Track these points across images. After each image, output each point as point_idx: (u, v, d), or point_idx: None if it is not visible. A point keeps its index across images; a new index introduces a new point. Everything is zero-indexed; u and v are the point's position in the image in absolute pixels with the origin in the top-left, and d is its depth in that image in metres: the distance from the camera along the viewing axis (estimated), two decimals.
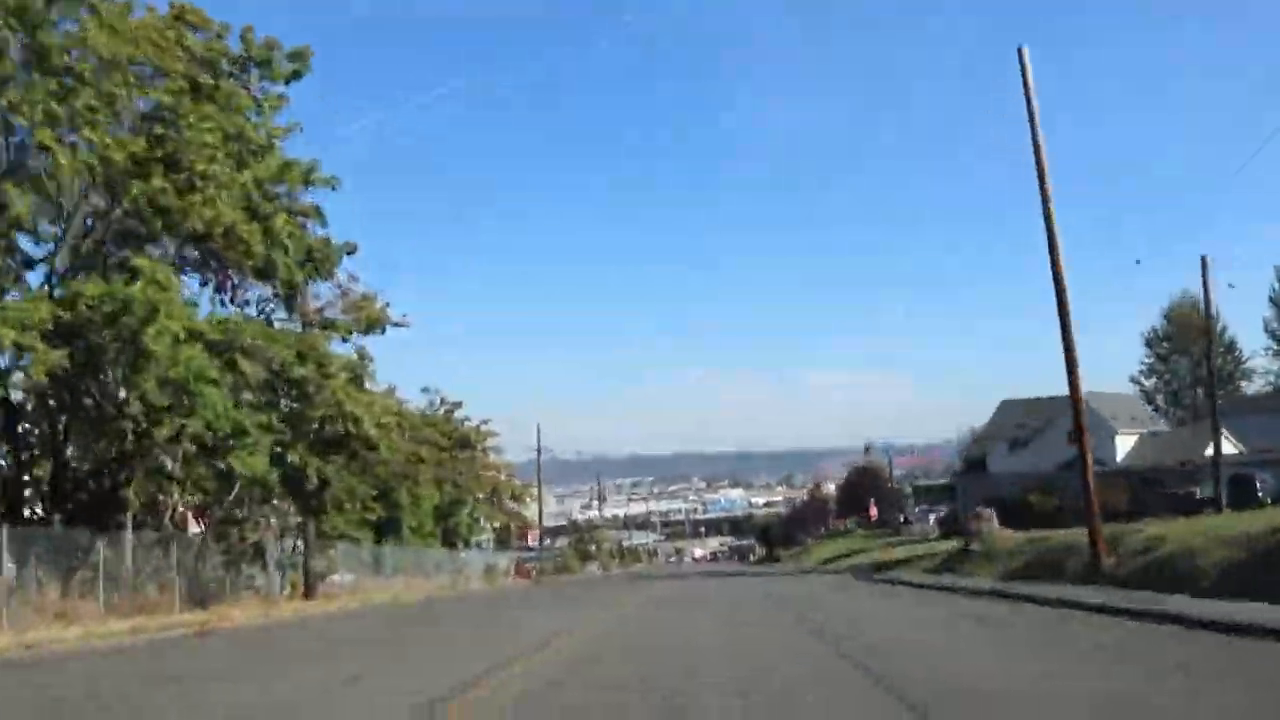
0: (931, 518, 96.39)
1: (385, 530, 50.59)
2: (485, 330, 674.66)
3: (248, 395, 28.53)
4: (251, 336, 23.51)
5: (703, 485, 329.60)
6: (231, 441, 23.72)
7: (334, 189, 27.22)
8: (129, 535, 28.82)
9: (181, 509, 35.63)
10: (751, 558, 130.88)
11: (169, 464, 30.70)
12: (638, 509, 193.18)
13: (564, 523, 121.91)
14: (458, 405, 59.01)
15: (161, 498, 32.84)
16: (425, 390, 58.36)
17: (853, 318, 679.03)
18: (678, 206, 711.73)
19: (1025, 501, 60.23)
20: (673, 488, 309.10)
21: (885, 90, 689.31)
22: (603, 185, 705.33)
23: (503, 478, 58.89)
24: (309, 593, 32.85)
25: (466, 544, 57.82)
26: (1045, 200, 23.13)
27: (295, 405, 27.71)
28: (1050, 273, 23.19)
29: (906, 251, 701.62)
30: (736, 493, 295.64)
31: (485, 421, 59.27)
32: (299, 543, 39.34)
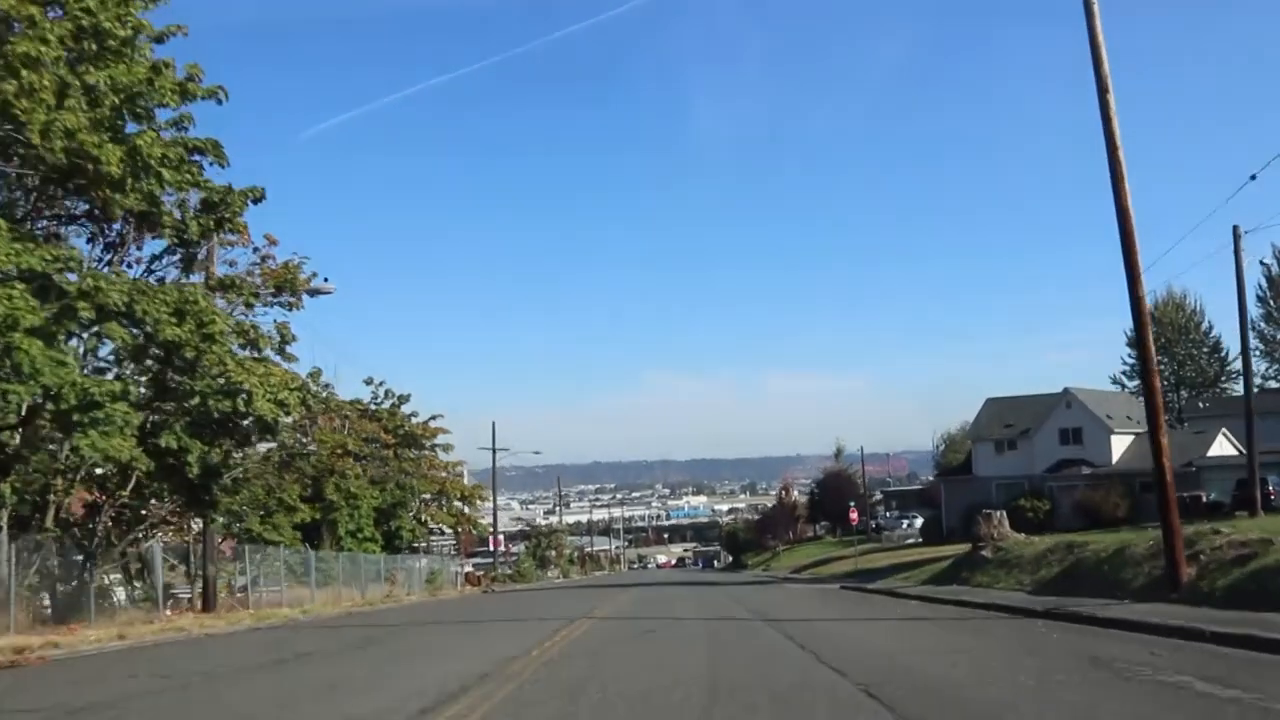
0: (905, 523, 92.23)
1: (319, 534, 45.09)
2: (447, 339, 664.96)
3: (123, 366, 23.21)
4: (95, 280, 18.00)
5: (666, 492, 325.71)
6: (77, 417, 18.19)
7: (220, 102, 21.70)
8: (4, 537, 23.38)
9: (71, 505, 30.04)
10: (717, 564, 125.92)
11: (60, 452, 25.28)
12: (601, 516, 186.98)
13: (527, 529, 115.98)
14: (405, 398, 53.46)
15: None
16: (368, 382, 52.77)
17: (816, 326, 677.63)
18: (641, 210, 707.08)
19: (1016, 506, 55.56)
20: (636, 494, 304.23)
21: (865, 91, 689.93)
22: (566, 189, 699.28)
23: (452, 477, 53.25)
24: (207, 605, 27.29)
25: (413, 549, 52.19)
26: (1106, 109, 18.14)
27: (179, 379, 22.22)
28: (1114, 206, 18.20)
29: (870, 262, 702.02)
30: (700, 499, 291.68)
31: (435, 417, 53.76)
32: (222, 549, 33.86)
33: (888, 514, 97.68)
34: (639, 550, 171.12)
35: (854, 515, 52.29)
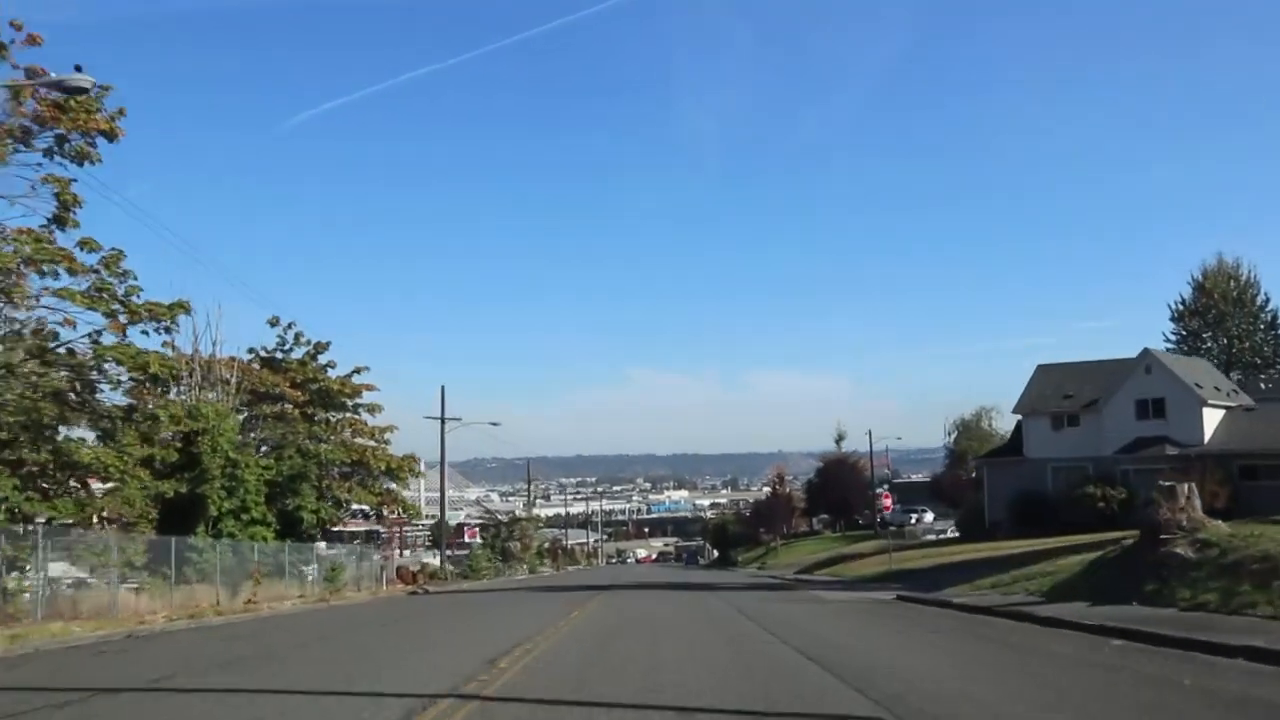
0: (913, 518, 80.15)
1: (187, 514, 32.71)
2: (424, 329, 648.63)
3: None
4: None
5: (647, 486, 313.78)
6: None
7: None
8: None
9: None
10: (701, 560, 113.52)
11: None
12: (580, 509, 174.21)
13: (495, 518, 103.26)
14: (322, 347, 40.81)
15: None
16: (273, 323, 40.08)
17: (798, 323, 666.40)
18: (625, 208, 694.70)
19: (1081, 495, 43.50)
20: (617, 488, 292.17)
21: (853, 87, 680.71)
22: (547, 187, 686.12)
23: (378, 446, 40.54)
24: None
25: (327, 535, 39.63)
26: None
27: None
28: None
29: (852, 260, 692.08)
30: (681, 494, 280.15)
31: (358, 370, 41.06)
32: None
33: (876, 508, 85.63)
34: (618, 544, 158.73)
35: (887, 503, 40.27)
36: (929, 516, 78.38)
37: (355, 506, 41.65)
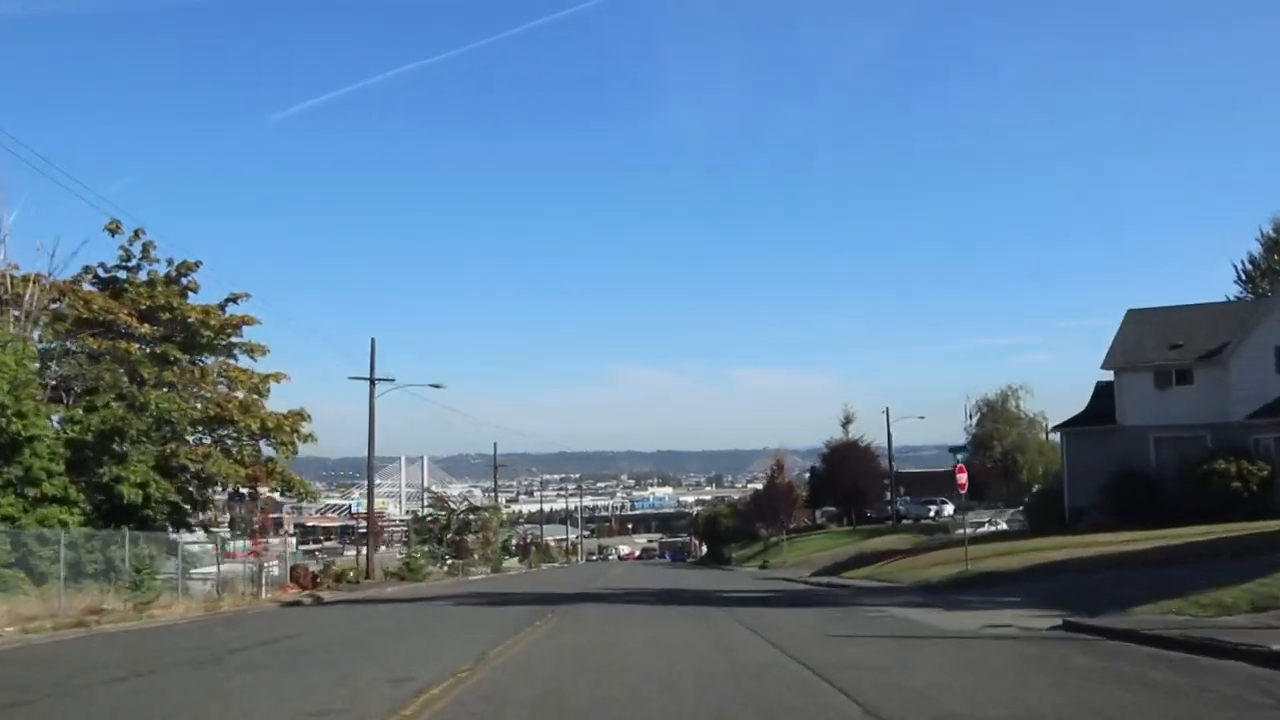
0: (932, 510, 69.19)
1: None
2: (407, 323, 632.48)
3: None
4: None
5: (631, 482, 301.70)
6: None
7: None
8: None
9: None
10: (688, 557, 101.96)
11: None
12: (562, 505, 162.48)
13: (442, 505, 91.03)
14: (189, 266, 28.92)
15: None
16: (113, 229, 28.08)
17: (783, 320, 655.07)
18: (614, 204, 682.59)
19: (1207, 472, 32.26)
20: (601, 484, 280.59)
21: (839, 80, 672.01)
22: (533, 180, 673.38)
23: (247, 397, 28.55)
24: None
25: (181, 524, 27.71)
26: None
27: None
28: None
29: (839, 257, 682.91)
30: (665, 490, 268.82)
31: (233, 299, 29.16)
32: None
33: (901, 499, 74.46)
34: (600, 540, 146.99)
35: (962, 481, 28.40)
36: (949, 509, 67.52)
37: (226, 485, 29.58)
